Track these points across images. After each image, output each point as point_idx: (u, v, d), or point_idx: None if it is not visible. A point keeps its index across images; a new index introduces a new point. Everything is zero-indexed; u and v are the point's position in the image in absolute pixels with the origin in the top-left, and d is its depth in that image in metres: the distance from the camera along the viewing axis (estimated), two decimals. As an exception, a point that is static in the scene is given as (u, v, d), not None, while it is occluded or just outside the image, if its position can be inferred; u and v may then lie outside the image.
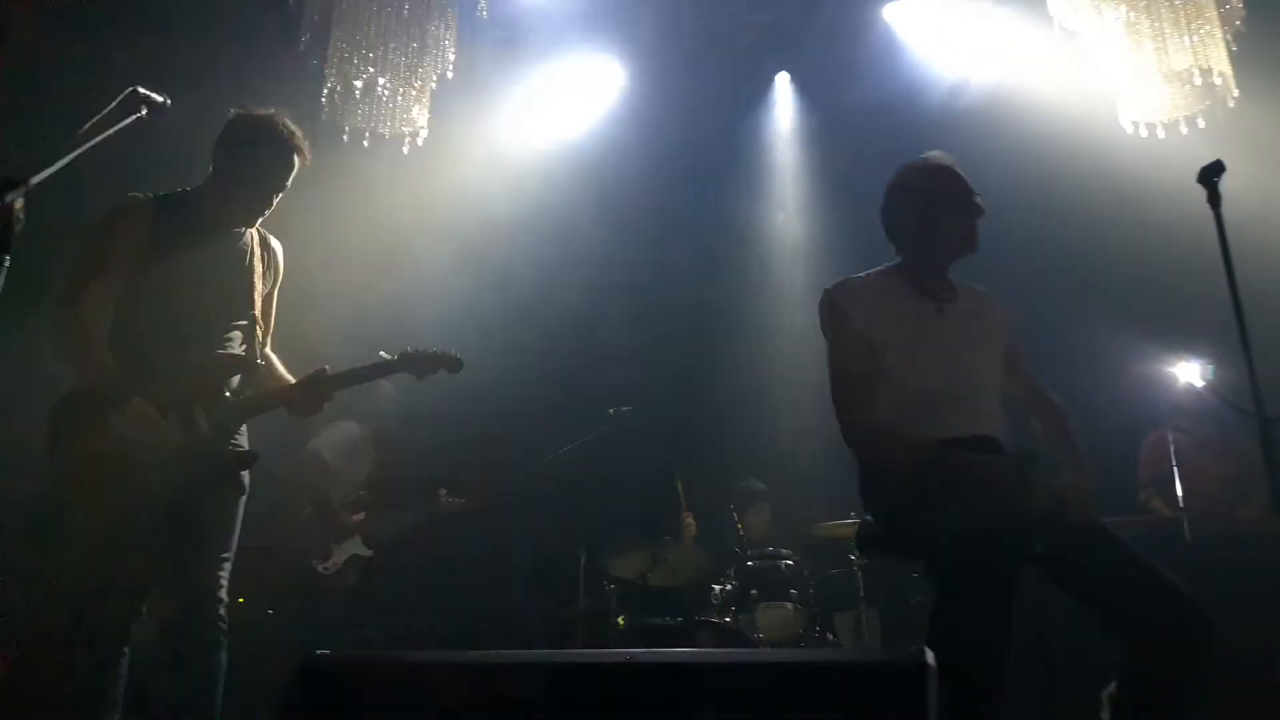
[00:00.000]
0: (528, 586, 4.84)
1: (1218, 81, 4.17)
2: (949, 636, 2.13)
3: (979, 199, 2.66)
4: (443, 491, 4.97)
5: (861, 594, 4.91)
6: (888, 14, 5.94)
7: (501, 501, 4.95)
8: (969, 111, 5.41)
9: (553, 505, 5.09)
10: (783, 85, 6.57)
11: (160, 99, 2.57)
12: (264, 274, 2.97)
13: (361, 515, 4.80)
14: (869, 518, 2.66)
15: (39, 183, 2.00)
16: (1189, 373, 4.29)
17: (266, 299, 3.01)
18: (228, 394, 2.81)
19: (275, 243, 3.08)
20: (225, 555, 2.74)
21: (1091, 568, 2.35)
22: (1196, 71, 4.15)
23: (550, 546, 5.03)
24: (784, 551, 5.02)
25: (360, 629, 4.65)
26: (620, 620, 4.62)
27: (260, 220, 2.97)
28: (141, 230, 2.75)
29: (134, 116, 2.49)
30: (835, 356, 2.62)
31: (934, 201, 2.67)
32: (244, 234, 2.96)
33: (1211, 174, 2.37)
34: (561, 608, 4.84)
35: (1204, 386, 4.32)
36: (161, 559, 2.66)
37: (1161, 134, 4.51)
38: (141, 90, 2.52)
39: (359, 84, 4.38)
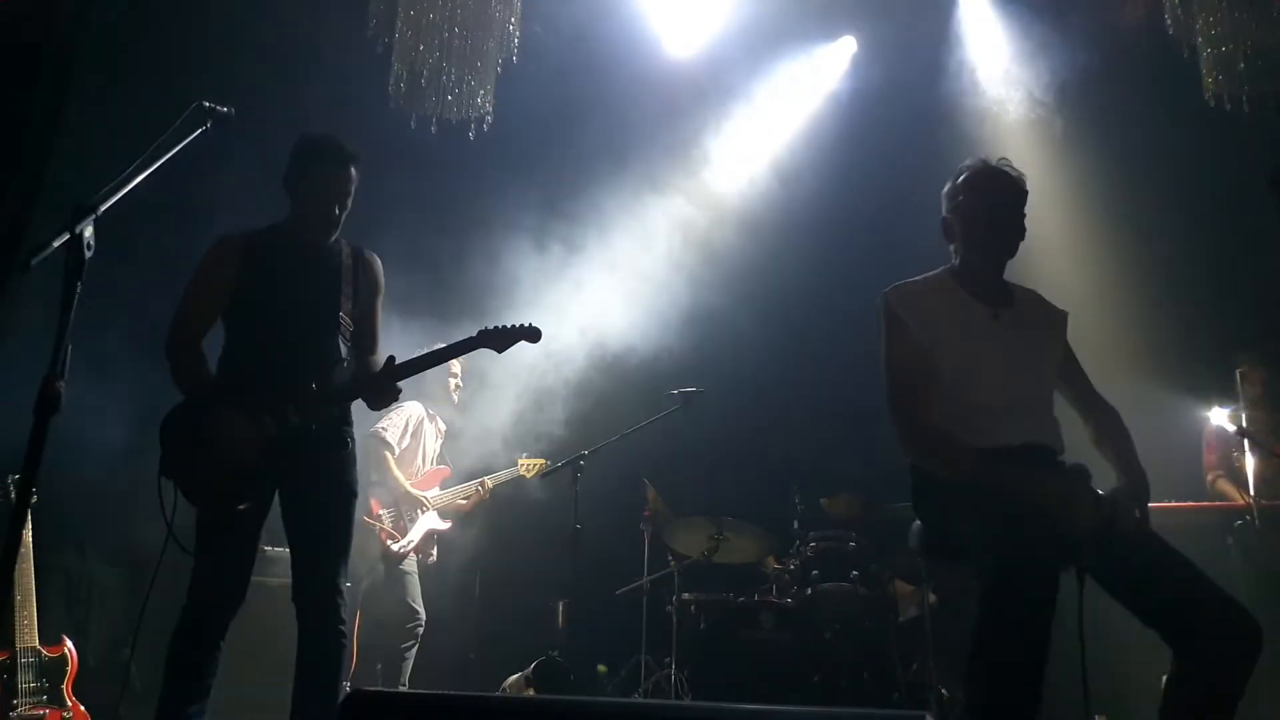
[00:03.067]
0: (591, 564, 4.93)
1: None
2: (990, 648, 2.14)
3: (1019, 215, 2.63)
4: (523, 456, 5.10)
5: (924, 575, 4.90)
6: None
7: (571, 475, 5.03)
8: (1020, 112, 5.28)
9: (619, 484, 5.17)
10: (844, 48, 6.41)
11: (225, 110, 2.65)
12: (356, 284, 3.10)
13: (435, 490, 4.95)
14: (918, 523, 2.66)
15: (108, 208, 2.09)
16: (1220, 418, 4.24)
17: (367, 309, 3.14)
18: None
19: (370, 256, 3.20)
20: (339, 553, 2.90)
21: (1143, 577, 2.32)
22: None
23: (613, 525, 5.11)
24: (847, 533, 5.02)
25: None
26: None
27: (335, 233, 3.09)
28: (234, 261, 2.99)
29: (199, 131, 2.57)
30: (890, 361, 2.62)
31: (996, 203, 2.63)
32: (331, 249, 3.10)
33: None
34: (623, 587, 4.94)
35: (1235, 430, 4.25)
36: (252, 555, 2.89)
37: (1246, 108, 4.33)
38: (206, 104, 2.60)
39: (425, 71, 4.44)
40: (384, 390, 3.01)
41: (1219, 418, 4.33)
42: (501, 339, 3.10)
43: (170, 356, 2.90)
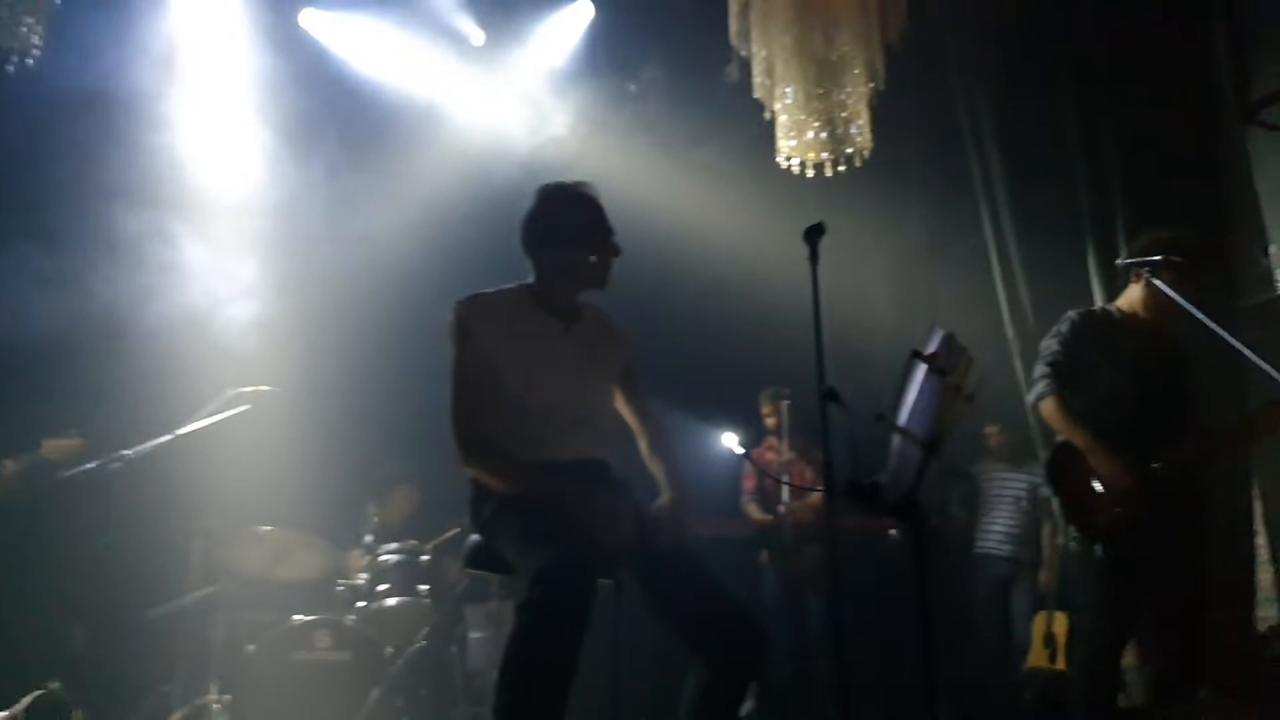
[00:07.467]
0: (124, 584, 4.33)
1: (855, 133, 4.59)
2: (522, 656, 2.13)
3: (616, 239, 2.68)
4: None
5: (494, 587, 4.90)
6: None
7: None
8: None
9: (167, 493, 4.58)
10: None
11: None
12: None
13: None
14: (474, 536, 2.62)
15: None
16: (730, 441, 4.88)
17: None
18: None
19: None
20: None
21: (671, 590, 2.46)
22: (839, 122, 4.55)
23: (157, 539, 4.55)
24: (423, 546, 4.90)
25: None
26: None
27: None
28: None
29: None
30: (458, 372, 2.57)
31: (581, 235, 2.65)
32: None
33: (813, 234, 2.54)
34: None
35: (741, 453, 4.91)
36: None
37: (810, 172, 4.90)
38: None
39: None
40: None
41: (730, 441, 4.88)
42: None
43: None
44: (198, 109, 5.35)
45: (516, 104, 6.13)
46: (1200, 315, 3.13)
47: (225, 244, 5.24)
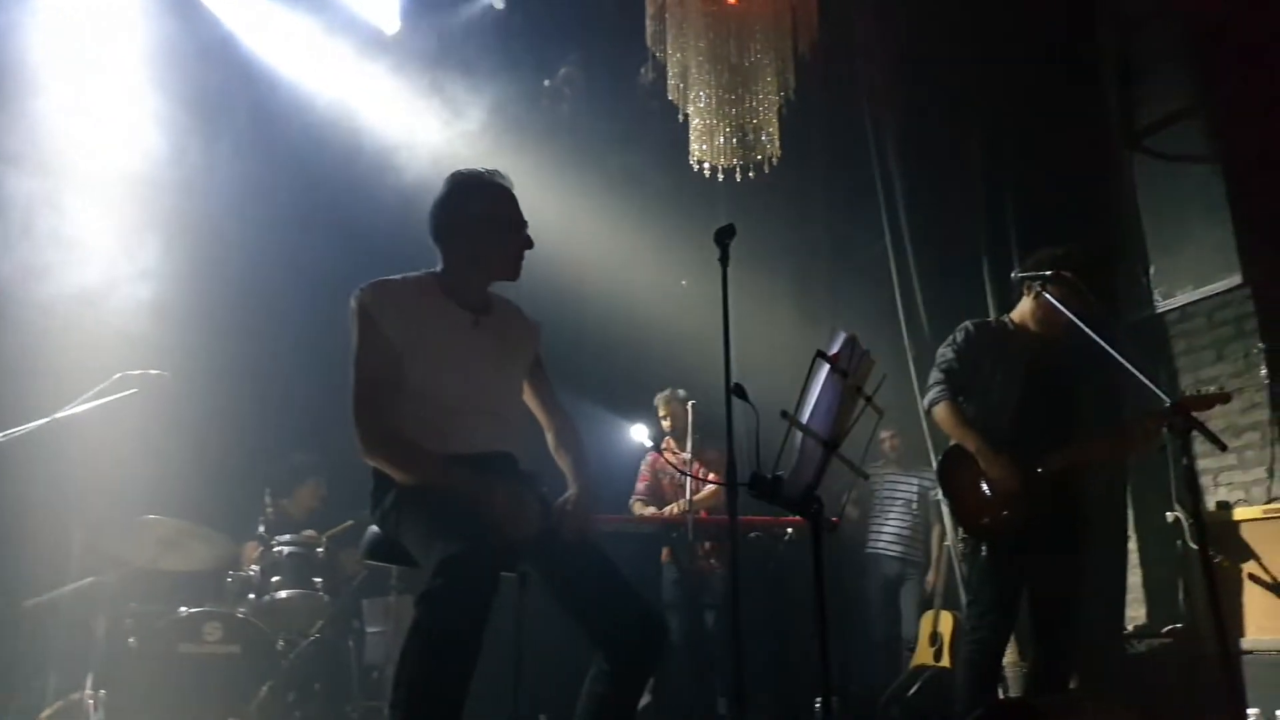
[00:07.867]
0: None
1: (765, 140, 4.68)
2: (423, 649, 2.09)
3: (528, 231, 2.67)
4: None
5: (393, 581, 4.83)
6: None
7: None
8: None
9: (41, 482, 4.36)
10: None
11: None
12: None
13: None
14: (374, 528, 2.58)
15: None
16: (639, 434, 4.94)
17: None
18: None
19: None
20: None
21: (577, 582, 2.46)
22: (750, 129, 4.64)
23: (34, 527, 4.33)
24: (319, 538, 4.80)
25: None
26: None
27: None
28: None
29: None
30: (359, 360, 2.50)
31: (492, 225, 2.62)
32: None
33: (724, 235, 2.59)
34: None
35: (649, 447, 4.99)
36: None
37: (721, 177, 4.98)
38: None
39: None
40: None
41: (640, 434, 4.93)
42: None
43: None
44: (94, 78, 5.10)
45: (428, 95, 6.05)
46: (1086, 329, 3.29)
47: (121, 219, 5.00)
